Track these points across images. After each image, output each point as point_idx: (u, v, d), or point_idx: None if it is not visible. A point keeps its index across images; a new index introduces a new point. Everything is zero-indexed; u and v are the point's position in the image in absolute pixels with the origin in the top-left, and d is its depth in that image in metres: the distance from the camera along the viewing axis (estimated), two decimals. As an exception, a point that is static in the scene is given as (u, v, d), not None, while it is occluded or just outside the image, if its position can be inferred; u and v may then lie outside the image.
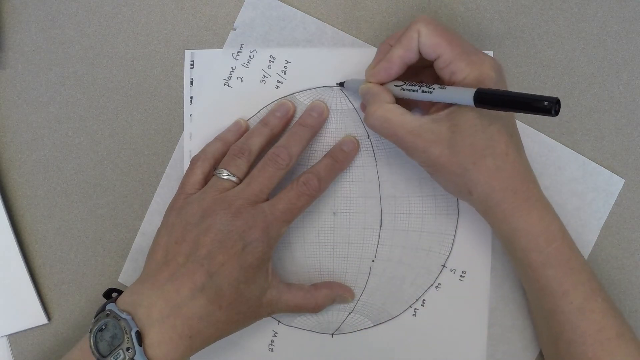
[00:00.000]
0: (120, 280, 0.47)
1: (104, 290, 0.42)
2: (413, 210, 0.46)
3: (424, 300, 0.46)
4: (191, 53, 0.46)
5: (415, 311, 0.46)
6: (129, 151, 0.47)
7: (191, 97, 0.46)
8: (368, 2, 0.46)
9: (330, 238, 0.46)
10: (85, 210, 0.47)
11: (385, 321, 0.46)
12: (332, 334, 0.46)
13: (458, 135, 0.37)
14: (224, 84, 0.46)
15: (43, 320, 0.46)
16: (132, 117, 0.47)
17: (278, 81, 0.46)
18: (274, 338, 0.46)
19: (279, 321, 0.46)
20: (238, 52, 0.46)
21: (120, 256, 0.47)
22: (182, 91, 0.47)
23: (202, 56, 0.46)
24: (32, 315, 0.46)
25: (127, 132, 0.47)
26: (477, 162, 0.37)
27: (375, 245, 0.46)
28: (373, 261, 0.46)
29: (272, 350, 0.46)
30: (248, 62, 0.46)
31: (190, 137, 0.46)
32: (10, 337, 0.46)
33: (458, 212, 0.46)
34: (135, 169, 0.47)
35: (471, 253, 0.46)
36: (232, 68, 0.46)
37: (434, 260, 0.46)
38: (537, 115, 0.45)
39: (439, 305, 0.46)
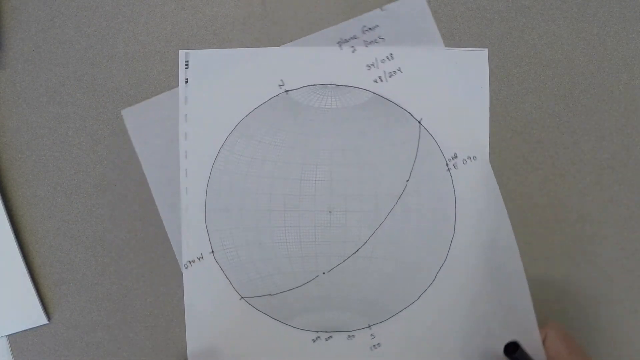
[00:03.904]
0: (119, 279, 0.47)
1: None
2: (411, 209, 0.46)
3: (422, 299, 0.46)
4: (185, 53, 0.46)
5: (414, 311, 0.46)
6: (128, 151, 0.47)
7: (186, 97, 0.46)
8: (368, 2, 0.46)
9: (326, 236, 0.46)
10: (85, 210, 0.47)
11: (383, 320, 0.46)
12: (330, 334, 0.46)
13: None
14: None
15: (43, 320, 0.46)
16: (132, 117, 0.47)
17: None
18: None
19: (276, 319, 0.46)
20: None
21: (120, 256, 0.47)
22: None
23: (196, 56, 0.46)
24: (32, 315, 0.46)
25: (127, 132, 0.47)
26: None
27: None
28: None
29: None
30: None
31: (186, 137, 0.46)
32: (10, 337, 0.46)
33: (456, 212, 0.45)
34: (135, 169, 0.47)
35: (470, 253, 0.46)
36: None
37: (433, 259, 0.46)
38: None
39: (437, 305, 0.46)
